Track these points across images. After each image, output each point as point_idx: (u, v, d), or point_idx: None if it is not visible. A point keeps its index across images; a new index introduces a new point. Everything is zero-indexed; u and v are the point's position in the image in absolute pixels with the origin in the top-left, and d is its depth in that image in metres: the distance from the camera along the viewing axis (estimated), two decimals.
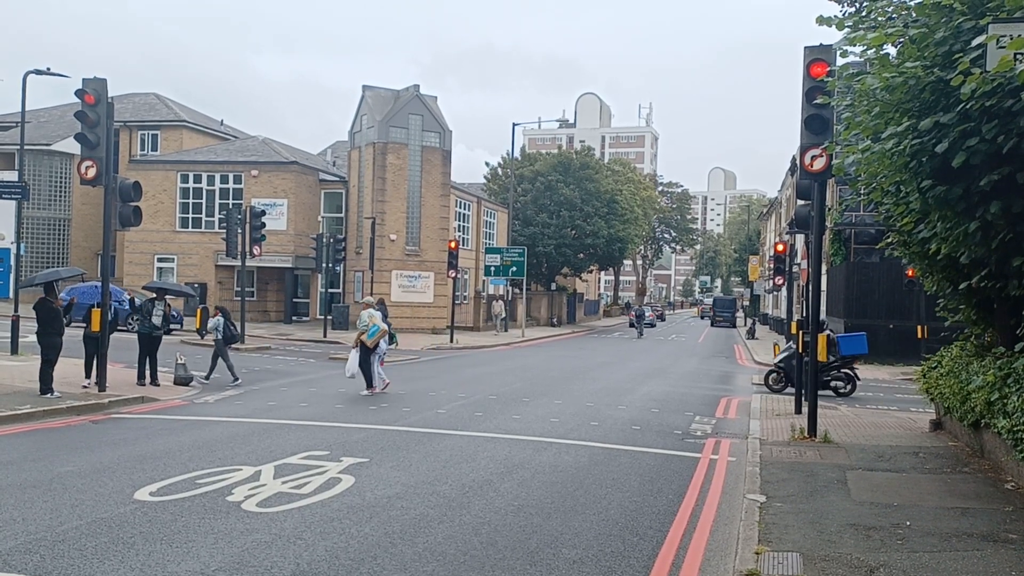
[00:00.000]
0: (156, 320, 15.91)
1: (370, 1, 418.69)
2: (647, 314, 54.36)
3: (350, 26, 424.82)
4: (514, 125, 46.23)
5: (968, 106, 7.20)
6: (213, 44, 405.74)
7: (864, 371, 26.30)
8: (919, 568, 5.98)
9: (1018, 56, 6.00)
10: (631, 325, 50.66)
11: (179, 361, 16.43)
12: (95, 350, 14.52)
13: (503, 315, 42.32)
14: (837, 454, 10.53)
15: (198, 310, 27.14)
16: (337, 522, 7.01)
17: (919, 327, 26.18)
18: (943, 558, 6.23)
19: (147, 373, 15.70)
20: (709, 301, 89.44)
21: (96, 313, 14.26)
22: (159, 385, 15.56)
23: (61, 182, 43.78)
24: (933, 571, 5.93)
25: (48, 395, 13.12)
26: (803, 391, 13.66)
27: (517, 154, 55.62)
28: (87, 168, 13.75)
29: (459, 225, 45.20)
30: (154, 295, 16.50)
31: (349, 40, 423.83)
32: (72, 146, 32.95)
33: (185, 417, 12.56)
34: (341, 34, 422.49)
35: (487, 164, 66.43)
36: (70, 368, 16.78)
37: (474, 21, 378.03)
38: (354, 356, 16.06)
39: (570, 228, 52.93)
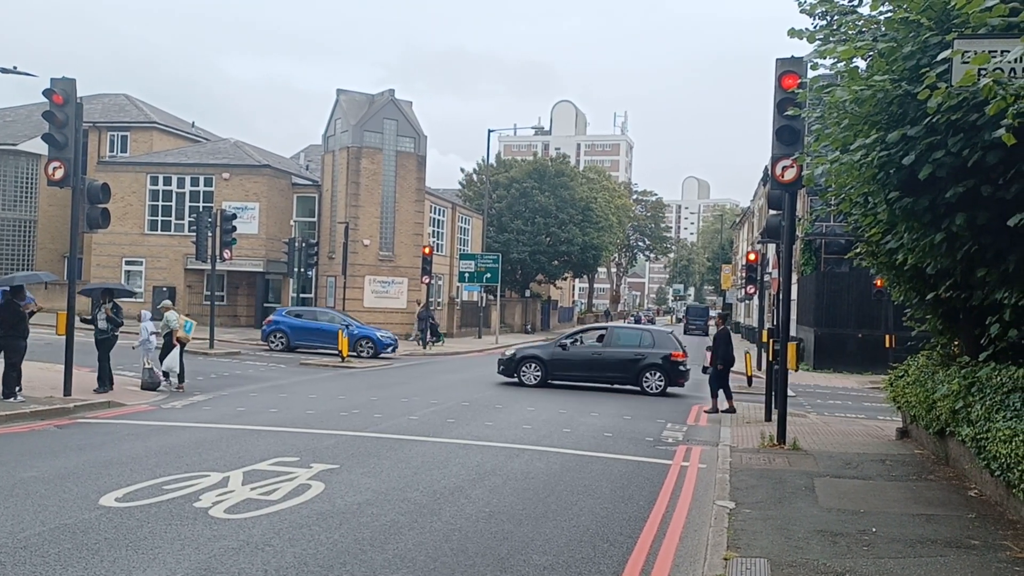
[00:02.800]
0: (101, 324, 15.40)
1: (340, 4, 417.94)
2: (643, 319, 74.10)
3: (320, 28, 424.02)
4: (489, 131, 46.18)
5: (935, 119, 7.34)
6: (182, 45, 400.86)
7: (833, 379, 26.64)
8: (884, 574, 6.06)
9: (982, 71, 6.13)
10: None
11: (146, 366, 16.19)
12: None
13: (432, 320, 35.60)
14: (805, 461, 10.64)
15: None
16: (306, 529, 6.95)
17: (887, 336, 26.57)
18: (908, 564, 6.32)
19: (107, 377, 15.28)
20: (682, 309, 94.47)
21: (62, 316, 14.04)
22: (112, 389, 15.11)
23: (27, 183, 43.06)
24: None
25: (11, 399, 12.87)
26: (773, 399, 13.79)
27: (492, 160, 55.66)
28: (55, 169, 13.54)
29: (433, 231, 45.11)
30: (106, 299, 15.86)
31: (319, 42, 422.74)
32: (39, 146, 32.42)
33: (152, 422, 12.38)
34: (311, 37, 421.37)
35: (462, 170, 66.46)
36: (38, 372, 16.48)
37: (446, 24, 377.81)
38: (174, 354, 16.39)
39: (545, 235, 53.07)
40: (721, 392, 16.04)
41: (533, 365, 19.94)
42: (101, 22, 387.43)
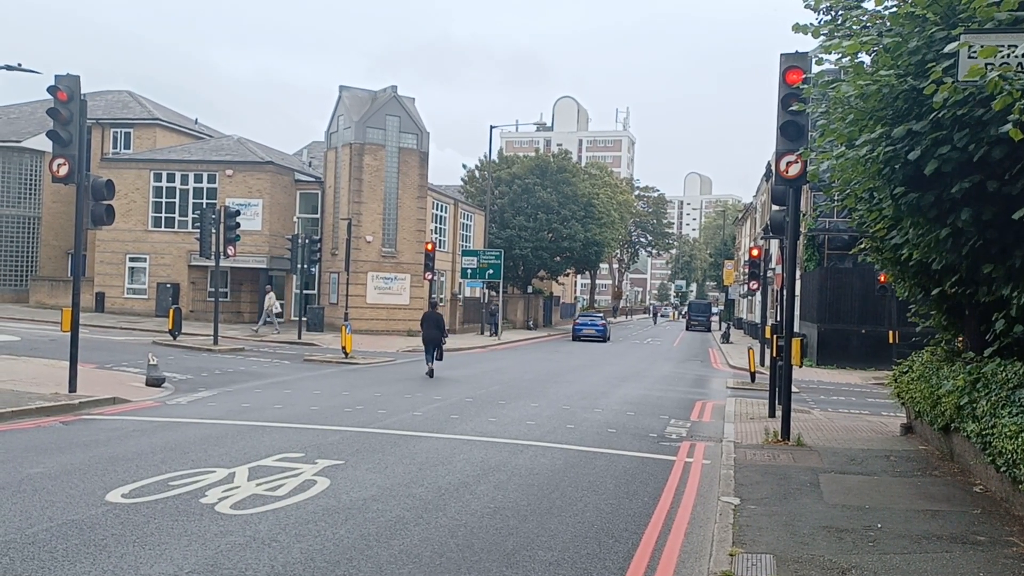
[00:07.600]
0: None
1: None
2: (659, 310, 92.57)
3: (304, 19, 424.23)
4: (492, 128, 46.18)
5: (940, 115, 7.32)
6: (168, 37, 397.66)
7: (836, 375, 26.62)
8: (890, 570, 6.06)
9: (989, 65, 6.11)
10: (652, 315, 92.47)
11: (151, 362, 16.23)
12: None
13: (278, 309, 34.03)
14: (810, 457, 10.64)
15: (170, 311, 26.89)
16: (312, 524, 6.96)
17: (890, 332, 26.52)
18: (914, 560, 6.32)
19: None
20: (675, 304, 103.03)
21: (67, 313, 14.07)
22: None
23: (31, 180, 43.11)
24: (904, 572, 6.01)
25: None
26: (776, 395, 13.79)
27: (494, 156, 55.62)
28: (59, 166, 13.55)
29: (436, 227, 45.10)
30: None
31: (303, 34, 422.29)
32: (43, 143, 32.45)
33: (158, 419, 12.41)
34: (294, 28, 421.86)
35: (464, 166, 66.50)
36: (43, 369, 16.54)
37: (433, 14, 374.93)
38: None
39: (547, 231, 53.01)
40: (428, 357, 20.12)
41: None
42: (92, 20, 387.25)
